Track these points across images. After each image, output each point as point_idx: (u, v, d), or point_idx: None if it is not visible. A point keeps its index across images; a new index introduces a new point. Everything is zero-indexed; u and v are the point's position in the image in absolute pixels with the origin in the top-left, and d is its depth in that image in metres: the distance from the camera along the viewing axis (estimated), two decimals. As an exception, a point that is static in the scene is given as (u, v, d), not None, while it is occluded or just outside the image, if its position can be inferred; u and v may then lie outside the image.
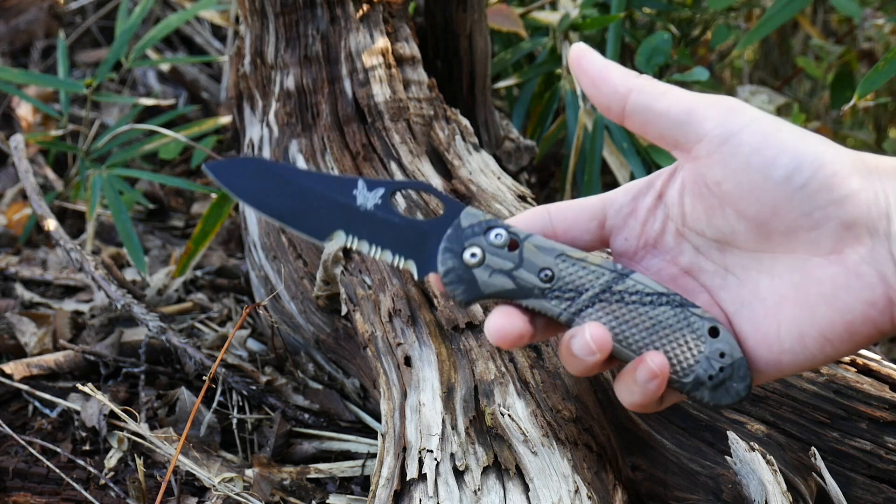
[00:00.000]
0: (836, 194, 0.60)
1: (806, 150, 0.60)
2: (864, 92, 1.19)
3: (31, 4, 2.45)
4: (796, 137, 0.61)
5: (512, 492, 0.83)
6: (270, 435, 1.20)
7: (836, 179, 0.60)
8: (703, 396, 0.66)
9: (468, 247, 0.68)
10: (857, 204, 0.60)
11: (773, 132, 0.61)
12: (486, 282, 0.67)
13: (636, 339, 0.66)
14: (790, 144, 0.61)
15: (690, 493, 0.96)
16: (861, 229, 0.60)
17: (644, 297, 0.66)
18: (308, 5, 1.28)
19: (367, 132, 1.26)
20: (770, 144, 0.61)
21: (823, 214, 0.60)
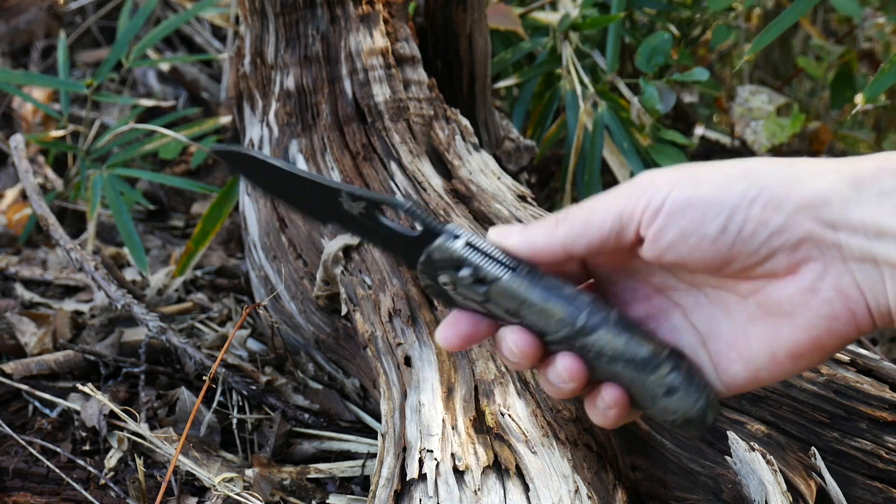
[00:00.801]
0: (773, 225, 0.59)
1: (728, 195, 0.60)
2: (869, 97, 1.19)
3: (31, 4, 2.45)
4: (717, 186, 0.61)
5: (512, 492, 0.83)
6: (270, 435, 1.20)
7: (768, 211, 0.59)
8: (668, 426, 0.68)
9: (440, 275, 0.69)
10: (798, 224, 0.59)
11: (692, 190, 0.61)
12: (462, 302, 0.69)
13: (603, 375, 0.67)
14: (712, 197, 0.60)
15: (690, 493, 0.96)
16: (809, 246, 0.60)
17: (605, 355, 0.66)
18: (308, 5, 1.28)
19: (367, 132, 1.26)
20: (693, 205, 0.61)
21: (769, 248, 0.60)
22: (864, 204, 0.58)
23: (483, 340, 0.71)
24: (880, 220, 0.57)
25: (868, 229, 0.58)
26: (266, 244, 1.31)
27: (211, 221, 1.56)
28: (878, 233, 0.57)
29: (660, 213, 0.62)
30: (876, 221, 0.57)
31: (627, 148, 1.63)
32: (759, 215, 0.59)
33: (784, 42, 2.74)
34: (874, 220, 0.57)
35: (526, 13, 1.85)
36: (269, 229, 1.30)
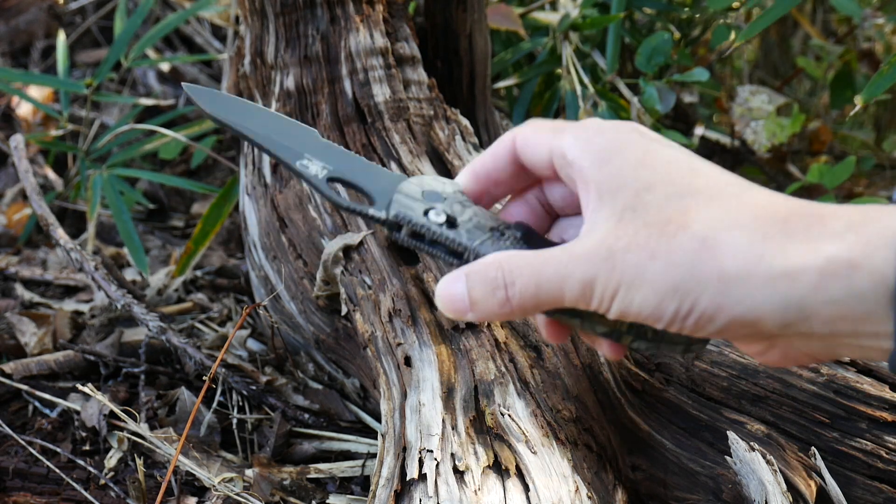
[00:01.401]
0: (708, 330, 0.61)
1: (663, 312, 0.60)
2: (868, 97, 1.19)
3: (31, 4, 2.45)
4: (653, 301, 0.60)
5: (512, 492, 0.83)
6: (270, 435, 1.20)
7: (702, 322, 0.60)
8: (641, 347, 0.67)
9: (404, 224, 0.70)
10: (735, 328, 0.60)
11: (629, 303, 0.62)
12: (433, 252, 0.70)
13: None
14: (648, 312, 0.61)
15: (690, 493, 0.97)
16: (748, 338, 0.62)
17: None
18: (308, 5, 1.28)
19: (367, 132, 1.26)
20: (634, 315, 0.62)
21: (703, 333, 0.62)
22: (812, 319, 0.56)
23: None
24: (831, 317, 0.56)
25: (813, 331, 0.57)
26: (266, 244, 1.31)
27: (211, 221, 1.56)
28: (830, 335, 0.57)
29: (608, 314, 0.63)
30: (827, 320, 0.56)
31: (627, 148, 1.62)
32: (693, 325, 0.60)
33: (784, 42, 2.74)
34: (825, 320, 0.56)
35: (526, 13, 1.85)
36: (269, 229, 1.30)
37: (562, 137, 0.67)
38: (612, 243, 0.61)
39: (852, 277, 0.54)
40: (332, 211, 1.21)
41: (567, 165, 0.66)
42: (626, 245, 0.60)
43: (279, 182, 1.30)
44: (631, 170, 0.63)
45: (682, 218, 0.59)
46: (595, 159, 0.64)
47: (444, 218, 0.69)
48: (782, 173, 2.26)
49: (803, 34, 2.69)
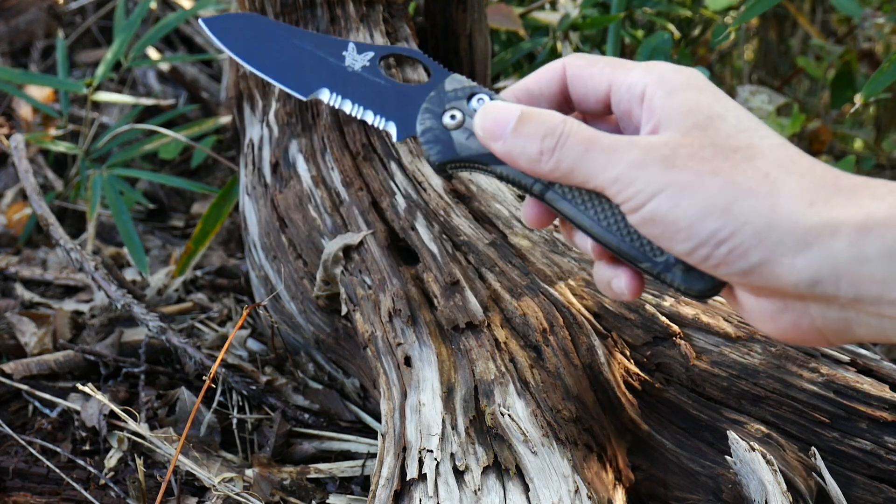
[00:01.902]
0: (734, 268, 0.61)
1: (700, 229, 0.60)
2: (868, 95, 1.19)
3: (31, 4, 2.45)
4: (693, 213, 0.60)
5: (512, 492, 0.83)
6: (270, 435, 1.20)
7: (734, 255, 0.60)
8: (675, 278, 0.65)
9: (448, 109, 0.68)
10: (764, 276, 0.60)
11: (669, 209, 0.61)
12: (463, 144, 0.68)
13: (609, 215, 0.66)
14: (684, 223, 0.61)
15: (690, 493, 0.96)
16: (770, 291, 0.62)
17: None
18: (308, 5, 1.28)
19: (367, 132, 1.26)
20: (666, 222, 0.62)
21: (730, 278, 0.63)
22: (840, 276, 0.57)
23: None
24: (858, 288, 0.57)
25: (840, 296, 0.58)
26: (266, 244, 1.31)
27: (211, 221, 1.56)
28: (853, 299, 0.58)
29: (636, 213, 0.62)
30: (854, 290, 0.57)
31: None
32: (723, 256, 0.60)
33: (784, 42, 2.74)
34: (850, 290, 0.57)
35: (526, 13, 1.85)
36: (269, 229, 1.30)
37: (629, 72, 0.67)
38: (676, 146, 0.61)
39: (886, 237, 0.56)
40: (332, 211, 1.22)
41: (633, 98, 0.66)
42: (689, 153, 0.61)
43: (279, 182, 1.30)
44: (705, 100, 0.63)
45: (749, 151, 0.61)
46: (669, 91, 0.64)
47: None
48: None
49: (803, 34, 2.69)
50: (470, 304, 1.02)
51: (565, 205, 0.67)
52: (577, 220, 0.67)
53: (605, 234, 0.66)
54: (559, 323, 0.99)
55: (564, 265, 1.08)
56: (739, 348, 0.99)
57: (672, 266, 0.65)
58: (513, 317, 1.01)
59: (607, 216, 0.66)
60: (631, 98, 0.66)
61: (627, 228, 0.66)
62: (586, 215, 0.66)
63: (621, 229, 0.66)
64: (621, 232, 0.66)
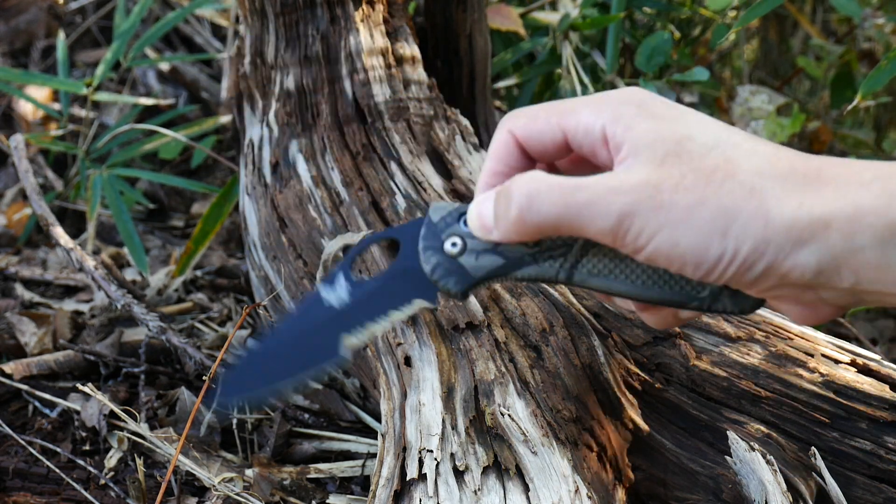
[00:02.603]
0: (745, 279, 0.63)
1: (705, 254, 0.61)
2: (866, 91, 1.19)
3: (31, 4, 2.45)
4: (694, 240, 0.61)
5: (512, 492, 0.83)
6: (270, 435, 1.20)
7: (741, 271, 0.62)
8: (726, 306, 0.67)
9: (446, 238, 0.67)
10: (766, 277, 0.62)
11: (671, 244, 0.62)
12: (475, 265, 0.67)
13: (640, 274, 0.66)
14: (689, 252, 0.62)
15: (690, 493, 0.97)
16: (776, 290, 0.64)
17: None
18: (308, 5, 1.28)
19: (367, 132, 1.26)
20: (670, 257, 0.62)
21: (734, 283, 0.64)
22: (841, 267, 0.60)
23: None
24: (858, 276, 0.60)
25: (842, 283, 0.61)
26: (266, 244, 1.31)
27: (211, 221, 1.56)
28: (855, 284, 0.60)
29: (639, 254, 0.63)
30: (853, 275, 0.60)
31: (627, 148, 1.62)
32: (733, 273, 0.62)
33: (784, 42, 2.74)
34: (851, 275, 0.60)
35: (526, 13, 1.85)
36: (269, 229, 1.30)
37: (577, 114, 0.67)
38: (658, 183, 0.61)
39: (875, 226, 0.57)
40: (332, 211, 1.21)
41: (595, 142, 0.66)
42: (673, 186, 0.61)
43: (279, 182, 1.30)
44: (666, 124, 0.64)
45: (728, 166, 0.61)
46: (627, 125, 0.64)
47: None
48: (782, 173, 2.26)
49: (803, 34, 2.69)
50: (470, 303, 1.02)
51: (596, 281, 0.67)
52: (613, 289, 0.67)
53: (644, 293, 0.67)
54: (559, 323, 0.99)
55: (564, 265, 1.08)
56: (739, 348, 0.99)
57: (718, 296, 0.67)
58: (513, 317, 1.01)
59: (639, 275, 0.66)
60: (592, 142, 0.67)
61: (663, 279, 0.66)
62: (618, 282, 0.66)
63: (657, 282, 0.66)
64: (658, 285, 0.66)
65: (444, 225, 0.67)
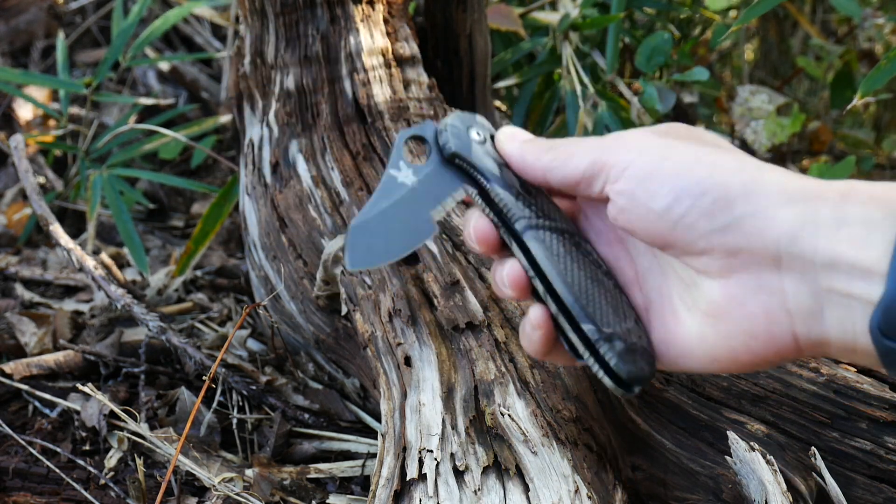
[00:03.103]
0: (716, 222, 0.59)
1: (685, 179, 0.60)
2: (866, 91, 1.19)
3: (31, 4, 2.45)
4: (679, 165, 0.61)
5: (512, 492, 0.83)
6: (270, 435, 1.20)
7: (717, 207, 0.59)
8: (609, 352, 0.64)
9: (475, 127, 0.73)
10: (741, 231, 0.58)
11: (656, 163, 0.62)
12: (478, 153, 0.71)
13: (577, 274, 0.67)
14: (668, 174, 0.61)
15: (690, 493, 0.97)
16: (746, 256, 0.59)
17: (596, 261, 0.68)
18: (308, 5, 1.28)
19: (367, 132, 1.26)
20: (651, 177, 0.61)
21: (706, 242, 0.60)
22: (819, 233, 0.56)
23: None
24: (834, 250, 0.55)
25: (817, 257, 0.56)
26: (266, 244, 1.31)
27: (211, 221, 1.56)
28: (828, 263, 0.56)
29: (622, 176, 0.63)
30: (829, 252, 0.56)
31: (627, 148, 1.62)
32: (705, 207, 0.59)
33: (784, 42, 2.74)
34: (827, 251, 0.56)
35: (526, 13, 1.85)
36: (269, 229, 1.30)
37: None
38: (664, 130, 0.64)
39: (868, 205, 0.55)
40: (332, 211, 1.22)
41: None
42: (671, 133, 0.64)
43: (279, 182, 1.30)
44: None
45: (729, 148, 0.62)
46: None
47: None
48: (782, 173, 2.26)
49: (803, 34, 2.69)
50: (470, 304, 1.02)
51: (539, 250, 0.67)
52: (545, 267, 0.67)
53: (564, 290, 0.66)
54: (559, 323, 0.99)
55: (564, 265, 1.08)
56: (739, 348, 0.99)
57: (614, 340, 0.65)
58: (513, 317, 1.01)
59: (575, 274, 0.67)
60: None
61: (589, 292, 0.66)
62: (554, 267, 0.67)
63: (582, 289, 0.66)
64: (581, 292, 0.66)
65: (481, 123, 0.73)
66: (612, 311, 0.66)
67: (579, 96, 1.68)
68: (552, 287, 0.67)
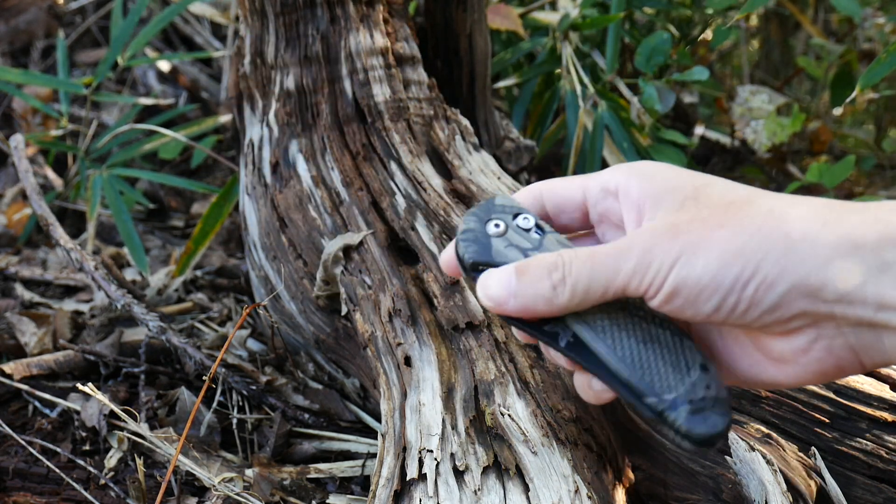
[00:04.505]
0: (765, 305, 0.60)
1: (723, 279, 0.60)
2: (865, 84, 1.19)
3: (31, 4, 2.45)
4: (713, 266, 0.60)
5: (512, 492, 0.83)
6: (270, 435, 1.20)
7: (761, 292, 0.59)
8: (678, 418, 0.63)
9: (493, 218, 0.70)
10: (791, 303, 0.59)
11: (689, 271, 0.61)
12: (500, 251, 0.69)
13: (629, 347, 0.66)
14: (707, 280, 0.60)
15: (690, 493, 0.97)
16: (802, 318, 0.60)
17: (646, 315, 0.66)
18: (308, 5, 1.28)
19: (367, 132, 1.26)
20: (690, 286, 0.61)
21: (761, 322, 0.61)
22: (867, 283, 0.57)
23: None
24: (882, 294, 0.57)
25: (868, 303, 0.58)
26: (266, 244, 1.31)
27: (211, 221, 1.56)
28: (878, 306, 0.57)
29: (660, 292, 0.62)
30: (877, 297, 0.57)
31: (627, 148, 1.63)
32: (751, 297, 0.60)
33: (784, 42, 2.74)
34: (875, 296, 0.57)
35: (526, 13, 1.85)
36: (269, 229, 1.30)
37: (599, 175, 0.69)
38: (677, 221, 0.62)
39: None
40: (332, 211, 1.22)
41: (608, 195, 0.68)
42: (689, 219, 0.61)
43: (279, 182, 1.30)
44: (684, 176, 0.65)
45: (747, 199, 0.61)
46: (644, 177, 0.66)
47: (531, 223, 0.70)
48: (782, 173, 2.26)
49: (804, 34, 2.69)
50: (470, 304, 1.02)
51: (587, 333, 0.66)
52: (595, 347, 0.66)
53: (618, 365, 0.65)
54: (559, 323, 0.99)
55: (564, 265, 1.08)
56: (739, 348, 0.99)
57: (679, 405, 0.64)
58: (513, 317, 1.01)
59: (627, 348, 0.65)
60: (606, 196, 0.68)
61: (644, 362, 0.65)
62: (605, 345, 0.66)
63: (636, 362, 0.65)
64: (635, 365, 0.65)
65: (500, 210, 0.70)
66: (671, 370, 0.65)
67: (579, 96, 1.68)
68: (606, 367, 0.66)
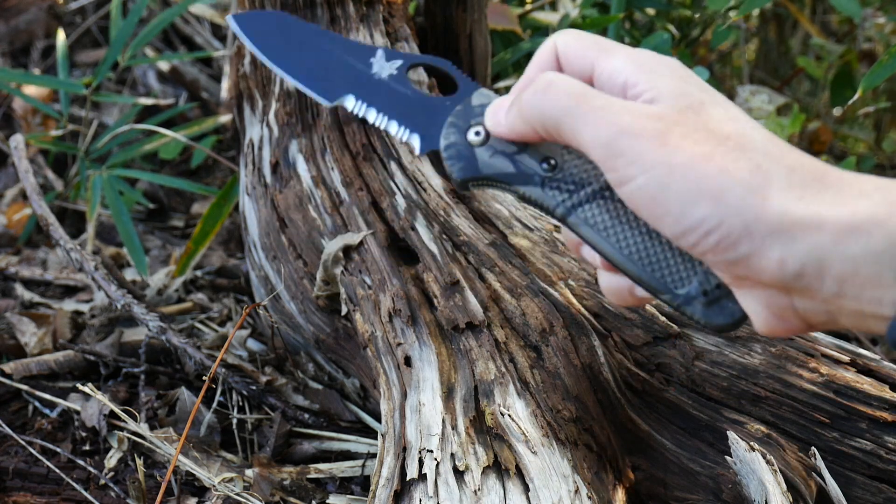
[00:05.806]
0: (723, 257, 0.60)
1: (690, 215, 0.59)
2: (867, 86, 1.19)
3: (31, 4, 2.45)
4: (682, 195, 0.59)
5: (512, 492, 0.83)
6: (270, 435, 1.20)
7: (723, 245, 0.59)
8: (695, 312, 0.64)
9: (474, 125, 0.68)
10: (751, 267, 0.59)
11: (659, 188, 0.60)
12: (486, 162, 0.67)
13: (632, 244, 0.65)
14: (673, 205, 0.60)
15: (690, 493, 0.96)
16: (754, 283, 0.61)
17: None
18: (308, 5, 1.28)
19: (367, 132, 1.26)
20: (656, 201, 0.61)
21: (717, 267, 0.62)
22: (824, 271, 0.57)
23: None
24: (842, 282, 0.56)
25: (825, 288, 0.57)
26: (266, 244, 1.31)
27: (211, 221, 1.56)
28: (837, 294, 0.57)
29: (623, 185, 0.61)
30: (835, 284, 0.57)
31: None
32: (711, 244, 0.60)
33: (784, 42, 2.74)
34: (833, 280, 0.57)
35: (526, 13, 1.85)
36: (269, 229, 1.30)
37: (611, 58, 0.66)
38: (671, 122, 0.60)
39: (872, 235, 0.55)
40: (332, 211, 1.21)
41: (614, 87, 0.65)
42: (683, 132, 0.60)
43: (279, 182, 1.30)
44: (694, 88, 0.63)
45: (742, 140, 0.60)
46: (654, 76, 0.64)
47: None
48: (782, 173, 2.25)
49: (803, 34, 2.69)
50: (470, 304, 1.02)
51: (587, 231, 0.65)
52: (599, 246, 0.66)
53: (626, 263, 0.65)
54: (559, 323, 0.99)
55: (564, 265, 1.08)
56: (739, 348, 0.99)
57: (693, 300, 0.64)
58: (513, 317, 1.01)
59: (629, 244, 0.65)
60: (612, 87, 0.66)
61: (650, 258, 0.64)
62: (608, 242, 0.65)
63: (643, 259, 0.64)
64: (643, 262, 0.64)
65: (479, 111, 0.68)
66: (681, 264, 0.64)
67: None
68: (616, 264, 0.65)
